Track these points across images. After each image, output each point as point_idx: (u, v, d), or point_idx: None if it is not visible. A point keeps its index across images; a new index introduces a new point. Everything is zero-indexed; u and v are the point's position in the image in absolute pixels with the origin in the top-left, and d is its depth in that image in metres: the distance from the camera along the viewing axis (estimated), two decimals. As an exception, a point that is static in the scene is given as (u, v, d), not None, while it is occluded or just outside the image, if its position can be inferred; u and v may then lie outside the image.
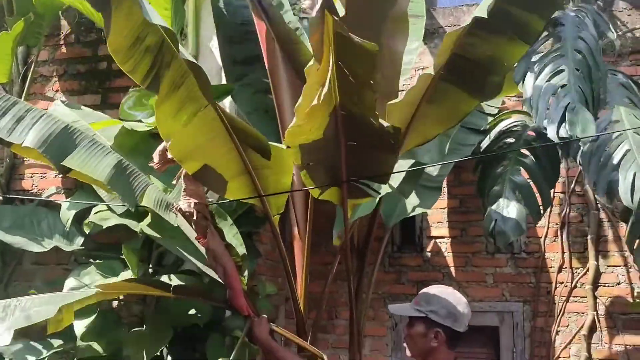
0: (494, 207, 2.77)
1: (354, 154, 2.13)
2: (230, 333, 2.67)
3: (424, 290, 2.21)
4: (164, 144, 2.09)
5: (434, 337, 2.07)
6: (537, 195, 2.99)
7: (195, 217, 2.10)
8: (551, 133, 2.43)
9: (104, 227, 2.80)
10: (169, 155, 2.08)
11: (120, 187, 2.02)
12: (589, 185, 2.71)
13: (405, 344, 2.18)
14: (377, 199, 2.87)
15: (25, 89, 3.49)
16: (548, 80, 2.54)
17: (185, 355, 2.62)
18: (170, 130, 1.97)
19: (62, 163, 1.97)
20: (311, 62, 1.91)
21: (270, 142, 2.20)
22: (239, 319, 2.81)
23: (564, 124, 2.37)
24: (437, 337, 2.07)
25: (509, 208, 2.73)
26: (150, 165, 2.14)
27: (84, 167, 2.00)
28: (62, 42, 3.79)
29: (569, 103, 2.41)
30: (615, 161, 2.56)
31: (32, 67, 3.60)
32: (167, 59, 1.88)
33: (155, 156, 2.11)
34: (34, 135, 1.99)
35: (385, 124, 1.96)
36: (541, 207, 2.81)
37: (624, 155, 2.55)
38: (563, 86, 2.46)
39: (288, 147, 2.07)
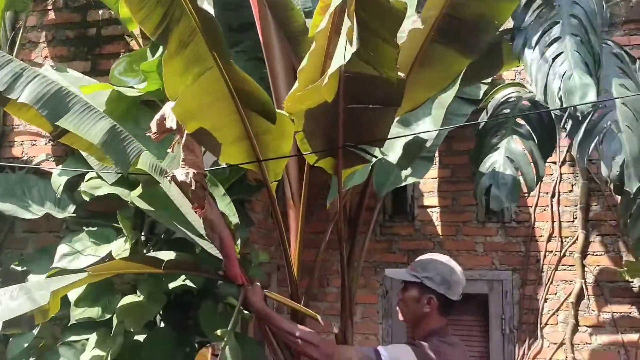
0: (488, 173, 2.78)
1: (352, 118, 2.13)
2: (223, 300, 2.70)
3: (421, 257, 2.26)
4: (161, 112, 2.08)
5: (427, 302, 2.11)
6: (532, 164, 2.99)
7: (193, 187, 2.10)
8: (551, 105, 2.44)
9: (95, 196, 2.80)
10: (167, 125, 2.06)
11: (113, 152, 2.01)
12: (574, 154, 2.73)
13: (398, 308, 2.22)
14: (370, 169, 2.88)
15: (14, 54, 3.44)
16: (544, 52, 2.53)
17: (179, 322, 2.65)
18: (176, 89, 1.94)
19: (57, 123, 1.95)
20: (322, 25, 1.89)
21: (274, 109, 2.19)
22: (232, 286, 2.85)
23: (560, 93, 2.38)
24: (430, 303, 2.11)
25: (504, 175, 2.73)
26: (147, 134, 2.12)
27: (78, 129, 1.98)
28: (50, 7, 3.73)
29: (565, 72, 2.41)
30: (600, 133, 2.56)
31: (20, 32, 3.55)
32: (178, 14, 1.85)
33: (153, 125, 2.10)
34: (29, 92, 1.97)
35: (401, 74, 1.94)
36: (535, 177, 2.81)
37: (609, 127, 2.55)
38: (559, 54, 2.45)
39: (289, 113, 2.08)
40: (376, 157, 2.42)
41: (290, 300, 2.54)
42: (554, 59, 2.48)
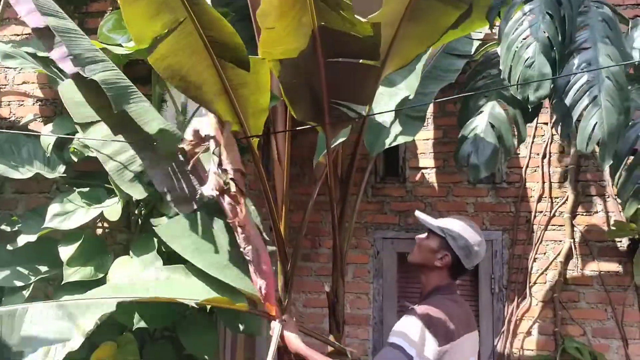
0: (469, 140, 2.80)
1: (334, 74, 2.13)
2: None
3: (455, 216, 2.27)
4: (192, 127, 2.07)
5: (441, 258, 2.13)
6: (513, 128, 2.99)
7: (231, 191, 2.05)
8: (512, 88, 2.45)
9: (85, 155, 2.80)
10: (203, 134, 2.05)
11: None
12: (555, 126, 2.72)
13: (412, 250, 2.24)
14: (361, 128, 2.89)
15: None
16: (516, 28, 2.49)
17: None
18: (142, 33, 1.93)
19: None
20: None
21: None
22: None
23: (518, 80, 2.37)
24: (444, 260, 2.12)
25: (484, 142, 2.75)
26: (181, 146, 2.13)
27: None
28: (33, -37, 3.65)
29: (528, 58, 2.38)
30: (581, 107, 2.51)
31: (4, -11, 3.47)
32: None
33: (188, 134, 2.08)
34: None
35: (374, 23, 1.93)
36: (514, 144, 2.83)
37: (590, 102, 2.50)
38: (528, 36, 2.41)
39: (264, 58, 2.06)
40: (362, 115, 2.42)
41: (323, 337, 2.54)
42: (523, 40, 2.44)
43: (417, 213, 2.30)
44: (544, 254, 3.61)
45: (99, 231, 2.97)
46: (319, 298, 3.89)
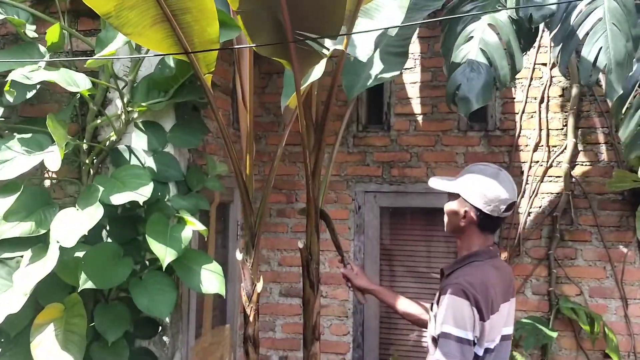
0: (459, 69, 2.61)
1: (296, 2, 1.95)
2: (176, 213, 2.60)
3: (470, 166, 2.16)
4: None
5: (464, 216, 2.05)
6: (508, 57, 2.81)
7: None
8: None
9: (28, 98, 2.63)
10: None
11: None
12: (554, 59, 2.55)
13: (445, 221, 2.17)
14: (337, 68, 2.72)
15: None
16: None
17: (125, 235, 2.56)
18: None
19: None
20: None
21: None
22: (185, 199, 2.74)
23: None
24: (467, 217, 2.05)
25: (476, 71, 2.56)
26: None
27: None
28: None
29: None
30: (583, 31, 2.40)
31: None
32: None
33: None
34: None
35: None
36: (509, 72, 2.65)
37: (594, 25, 2.39)
38: None
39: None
40: (329, 49, 2.25)
41: None
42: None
43: (430, 181, 2.21)
44: (539, 207, 3.50)
45: (47, 182, 2.82)
46: (295, 256, 3.78)
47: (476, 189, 2.04)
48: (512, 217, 3.49)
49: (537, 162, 3.50)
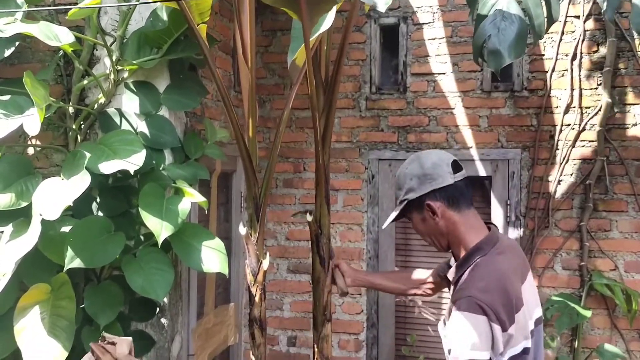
0: (488, 18, 2.38)
1: None
2: (172, 183, 2.42)
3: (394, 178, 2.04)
4: None
5: (432, 214, 1.88)
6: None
7: None
8: None
9: (5, 55, 2.44)
10: None
11: None
12: (601, 3, 2.32)
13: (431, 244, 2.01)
14: (348, 23, 2.52)
15: None
16: None
17: (116, 207, 2.39)
18: None
19: None
20: None
21: None
22: (182, 168, 2.57)
23: None
24: (434, 212, 1.87)
25: (508, 20, 2.32)
26: None
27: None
28: None
29: None
30: None
31: None
32: None
33: None
34: None
35: None
36: (545, 21, 2.43)
37: None
38: None
39: None
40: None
41: None
42: None
43: (384, 225, 2.19)
44: (570, 175, 3.31)
45: (31, 150, 2.65)
46: (304, 230, 3.62)
47: (411, 181, 1.90)
48: (540, 185, 3.31)
49: (569, 125, 3.31)
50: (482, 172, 3.39)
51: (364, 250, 3.60)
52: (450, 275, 1.93)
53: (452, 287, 1.93)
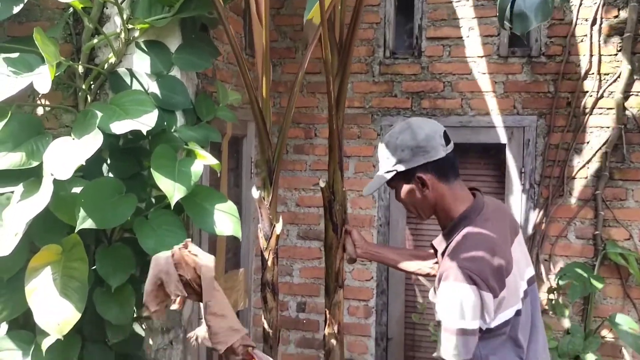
0: None
1: None
2: (184, 145, 2.38)
3: (381, 143, 1.98)
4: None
5: (422, 186, 1.86)
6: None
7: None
8: None
9: (13, 13, 2.38)
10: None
11: None
12: None
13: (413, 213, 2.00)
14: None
15: None
16: None
17: (127, 169, 2.35)
18: None
19: None
20: None
21: None
22: (194, 130, 2.53)
23: None
24: (424, 184, 1.86)
25: None
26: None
27: None
28: None
29: None
30: None
31: None
32: None
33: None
34: None
35: None
36: None
37: None
38: None
39: None
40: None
41: None
42: None
43: (364, 191, 2.08)
44: (587, 143, 3.26)
45: (40, 110, 2.61)
46: (315, 196, 3.59)
47: (404, 151, 1.86)
48: (556, 153, 3.25)
49: (587, 92, 3.24)
50: (496, 140, 3.34)
51: (374, 217, 3.57)
52: (438, 244, 1.93)
53: (440, 257, 1.91)
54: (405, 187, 1.91)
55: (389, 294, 3.58)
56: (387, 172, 1.92)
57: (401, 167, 1.87)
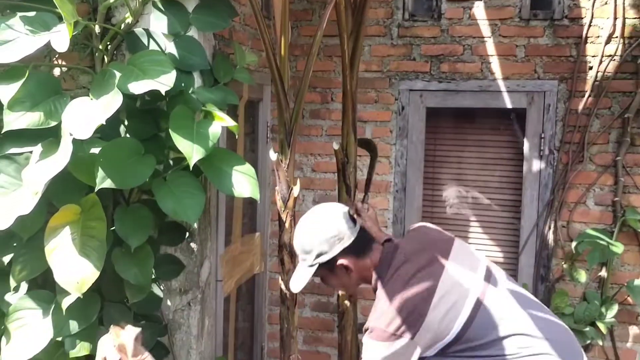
0: None
1: None
2: (202, 107, 2.36)
3: (294, 241, 2.10)
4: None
5: (345, 270, 1.97)
6: None
7: None
8: None
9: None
10: None
11: None
12: None
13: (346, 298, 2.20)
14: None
15: None
16: None
17: (145, 131, 2.33)
18: None
19: None
20: None
21: None
22: (211, 91, 2.50)
23: None
24: (347, 268, 1.97)
25: None
26: None
27: None
28: None
29: None
30: None
31: None
32: None
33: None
34: None
35: None
36: None
37: None
38: None
39: None
40: None
41: None
42: None
43: (291, 286, 2.11)
44: (609, 108, 3.20)
45: (57, 71, 2.59)
46: (330, 162, 3.56)
47: (320, 245, 1.96)
48: (576, 119, 3.20)
49: (610, 56, 3.17)
50: (516, 105, 3.28)
51: (391, 183, 3.54)
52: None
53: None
54: (329, 275, 2.02)
55: (404, 260, 3.57)
56: (310, 265, 2.00)
57: (323, 259, 1.97)
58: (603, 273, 3.22)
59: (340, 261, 1.96)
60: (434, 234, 2.08)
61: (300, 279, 2.06)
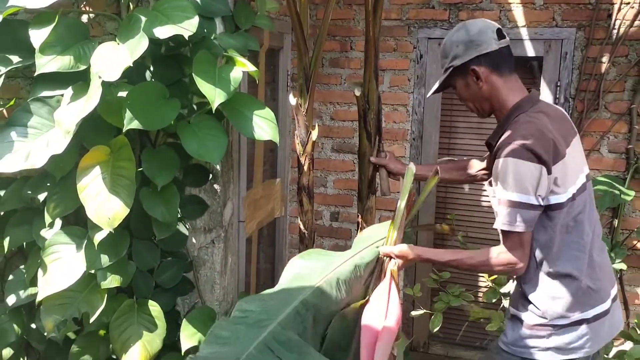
0: None
1: None
2: (224, 52, 2.41)
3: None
4: None
5: (476, 79, 1.95)
6: None
7: None
8: None
9: None
10: None
11: None
12: None
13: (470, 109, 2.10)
14: None
15: None
16: None
17: (170, 76, 2.40)
18: None
19: None
20: None
21: None
22: (233, 37, 2.55)
23: None
24: (478, 76, 1.94)
25: None
26: None
27: None
28: None
29: None
30: None
31: None
32: None
33: None
34: None
35: None
36: None
37: None
38: None
39: None
40: None
41: None
42: None
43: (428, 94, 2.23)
44: (626, 56, 3.19)
45: (85, 17, 2.65)
46: (349, 110, 3.61)
47: (458, 47, 1.95)
48: (593, 67, 3.20)
49: (628, 3, 3.15)
50: (533, 52, 3.29)
51: (408, 131, 3.59)
52: (492, 138, 2.00)
53: (492, 151, 1.98)
54: (461, 82, 2.01)
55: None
56: (445, 70, 2.03)
57: (456, 63, 1.97)
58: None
59: (473, 67, 1.94)
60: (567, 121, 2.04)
61: (435, 85, 2.13)
